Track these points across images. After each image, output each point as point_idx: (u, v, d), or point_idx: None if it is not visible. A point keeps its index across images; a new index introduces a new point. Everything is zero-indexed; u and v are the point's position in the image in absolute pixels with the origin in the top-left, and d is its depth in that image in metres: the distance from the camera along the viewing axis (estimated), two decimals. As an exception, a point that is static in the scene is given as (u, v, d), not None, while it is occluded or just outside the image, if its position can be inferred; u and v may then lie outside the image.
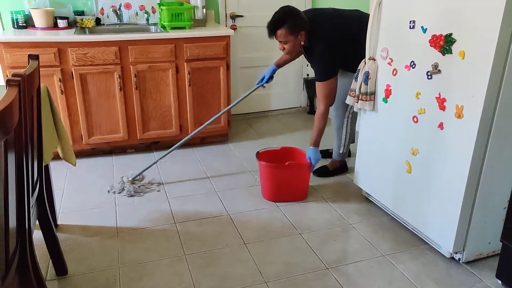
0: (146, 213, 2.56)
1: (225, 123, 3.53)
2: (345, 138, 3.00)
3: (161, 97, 3.28)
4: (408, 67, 2.14)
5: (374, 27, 2.32)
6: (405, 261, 2.14)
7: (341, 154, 3.05)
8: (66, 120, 3.11)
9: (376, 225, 2.46)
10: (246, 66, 4.12)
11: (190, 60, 3.25)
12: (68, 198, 2.73)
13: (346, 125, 2.97)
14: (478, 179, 1.92)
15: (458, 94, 1.87)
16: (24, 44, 2.89)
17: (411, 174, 2.22)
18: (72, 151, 2.25)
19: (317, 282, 2.00)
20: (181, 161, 3.29)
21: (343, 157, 3.08)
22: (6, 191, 1.21)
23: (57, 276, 2.02)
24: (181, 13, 3.27)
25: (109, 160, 3.30)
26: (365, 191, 2.69)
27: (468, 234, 2.03)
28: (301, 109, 4.52)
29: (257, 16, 3.99)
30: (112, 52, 3.05)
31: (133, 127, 3.29)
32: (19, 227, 1.42)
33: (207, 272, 2.06)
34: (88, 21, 3.39)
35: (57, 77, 3.00)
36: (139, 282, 1.99)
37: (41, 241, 1.97)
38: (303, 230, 2.40)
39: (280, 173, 2.62)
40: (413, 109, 2.14)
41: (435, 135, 2.03)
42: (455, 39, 1.85)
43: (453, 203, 1.98)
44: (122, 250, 2.22)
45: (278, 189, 2.66)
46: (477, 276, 2.03)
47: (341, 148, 3.02)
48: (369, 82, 2.37)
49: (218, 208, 2.63)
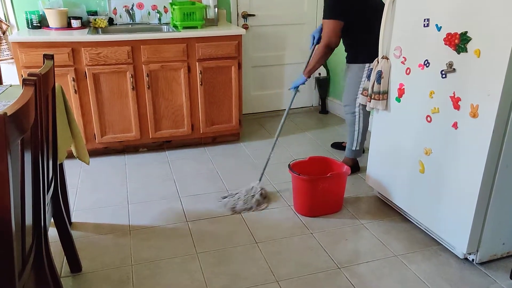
0: (158, 211, 2.58)
1: (236, 122, 3.53)
2: (358, 135, 2.96)
3: (173, 97, 3.30)
4: (422, 66, 2.12)
5: (387, 25, 2.30)
6: (417, 261, 2.13)
7: (353, 151, 3.01)
8: (80, 119, 3.15)
9: (388, 225, 2.44)
10: (258, 65, 4.12)
11: (202, 59, 3.26)
12: (82, 197, 2.75)
13: (358, 121, 2.93)
14: (493, 179, 1.90)
15: (473, 93, 1.85)
16: (38, 44, 2.93)
17: (424, 174, 2.20)
18: (86, 150, 2.27)
19: (328, 282, 1.99)
20: (193, 160, 3.31)
21: (356, 155, 3.04)
22: (22, 189, 1.23)
23: (71, 273, 2.04)
24: (193, 13, 3.28)
25: (121, 159, 3.33)
26: (377, 190, 2.67)
27: (482, 234, 2.00)
28: (313, 109, 4.51)
29: (268, 15, 3.99)
30: (125, 52, 3.07)
31: (146, 126, 3.31)
32: (35, 224, 1.44)
33: (219, 270, 2.07)
34: (101, 21, 3.42)
35: (71, 77, 3.03)
36: (151, 280, 2.01)
37: (55, 239, 1.99)
38: (314, 230, 2.40)
39: (321, 186, 2.45)
40: (427, 109, 2.12)
41: (449, 135, 2.01)
42: (470, 38, 1.83)
43: (467, 204, 1.96)
44: (134, 248, 2.24)
45: (317, 203, 2.50)
46: (491, 277, 2.00)
47: (354, 145, 2.99)
48: (382, 81, 2.35)
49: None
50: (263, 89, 4.23)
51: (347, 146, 3.06)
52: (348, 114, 2.98)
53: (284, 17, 4.05)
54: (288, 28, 4.11)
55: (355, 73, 2.85)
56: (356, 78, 2.85)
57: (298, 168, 2.58)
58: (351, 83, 2.90)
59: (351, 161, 3.04)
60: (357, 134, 2.96)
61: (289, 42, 4.16)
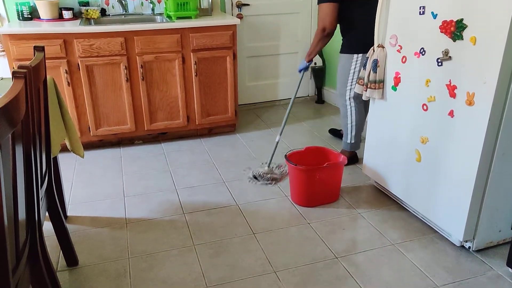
0: (155, 204, 2.57)
1: (232, 113, 3.51)
2: (351, 128, 2.91)
3: (167, 88, 3.27)
4: (418, 54, 2.10)
5: (383, 13, 2.28)
6: (414, 249, 2.13)
7: (349, 144, 2.96)
8: (73, 112, 3.12)
9: (385, 214, 2.44)
10: (253, 56, 4.09)
11: (196, 50, 3.23)
12: (77, 190, 2.74)
13: (351, 114, 2.88)
14: (489, 166, 1.90)
15: (469, 81, 1.84)
16: (29, 36, 2.89)
17: (421, 162, 2.20)
18: (80, 143, 2.25)
19: (326, 271, 1.99)
20: (189, 151, 3.29)
21: (352, 148, 2.98)
22: (14, 183, 1.21)
23: (68, 267, 2.03)
24: (187, 3, 3.24)
25: (117, 151, 3.31)
26: (374, 180, 2.67)
27: (478, 222, 2.01)
28: (309, 99, 4.49)
29: (263, 5, 3.95)
30: (118, 43, 3.04)
31: (141, 118, 3.29)
32: (28, 218, 1.42)
33: (216, 262, 2.07)
34: (93, 12, 3.38)
35: (64, 69, 3.00)
36: (149, 272, 2.00)
37: (51, 233, 1.98)
38: (311, 220, 2.39)
39: (318, 176, 2.44)
40: (423, 97, 2.11)
41: (445, 123, 2.00)
42: (466, 25, 1.81)
43: (464, 191, 1.96)
44: (131, 241, 2.23)
45: (315, 193, 2.49)
46: (487, 265, 2.01)
47: (348, 138, 2.94)
48: (378, 70, 2.34)
49: (227, 198, 2.63)
50: (258, 80, 4.21)
51: (343, 139, 3.02)
52: (340, 105, 2.96)
53: (278, 6, 4.01)
54: (283, 18, 4.07)
55: (342, 64, 2.83)
56: (342, 69, 2.83)
57: (294, 158, 2.58)
58: (339, 74, 2.88)
59: (348, 153, 2.98)
60: (350, 128, 2.91)
61: (284, 32, 4.13)
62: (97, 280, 1.96)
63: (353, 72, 2.76)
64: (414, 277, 1.95)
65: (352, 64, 2.75)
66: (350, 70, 2.77)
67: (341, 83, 2.87)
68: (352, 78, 2.78)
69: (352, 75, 2.77)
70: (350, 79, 2.79)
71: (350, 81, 2.79)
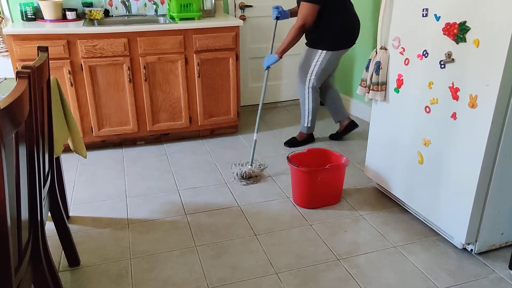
0: (157, 204, 2.57)
1: (234, 114, 3.52)
2: (308, 114, 3.26)
3: (170, 89, 3.27)
4: (421, 56, 2.10)
5: (386, 15, 2.28)
6: (416, 252, 2.13)
7: (306, 127, 3.33)
8: (76, 112, 3.13)
9: (387, 216, 2.44)
10: (256, 57, 4.09)
11: (199, 51, 3.24)
12: (79, 190, 2.75)
13: (308, 101, 3.22)
14: (492, 169, 1.89)
15: (472, 83, 1.84)
16: (33, 37, 2.90)
17: (423, 165, 2.19)
18: (83, 143, 2.25)
19: (328, 273, 1.99)
20: (191, 152, 3.29)
21: (309, 131, 3.36)
22: (17, 183, 1.22)
23: (69, 267, 2.04)
24: (190, 4, 3.25)
25: (119, 152, 3.31)
26: (376, 182, 2.66)
27: (480, 225, 2.00)
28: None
29: (266, 6, 3.95)
30: (121, 44, 3.05)
31: (143, 119, 3.30)
32: (31, 219, 1.43)
33: (217, 263, 2.07)
34: (96, 13, 3.39)
35: (67, 69, 3.01)
36: (150, 273, 2.00)
37: (53, 233, 1.99)
38: (313, 221, 2.39)
39: (320, 177, 2.44)
40: (426, 99, 2.11)
41: (447, 125, 2.00)
42: (469, 27, 1.81)
43: (466, 194, 1.95)
44: (133, 241, 2.23)
45: (316, 195, 2.49)
46: (489, 267, 2.01)
47: (306, 122, 3.30)
48: (381, 72, 2.34)
49: (229, 199, 2.63)
50: (261, 81, 4.20)
51: (301, 122, 3.38)
52: (299, 93, 3.26)
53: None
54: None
55: (307, 56, 3.12)
56: (306, 61, 3.12)
57: (296, 160, 2.58)
58: (302, 65, 3.16)
59: (306, 135, 3.38)
60: (307, 113, 3.27)
61: (286, 33, 4.12)
62: (99, 280, 1.96)
63: (314, 65, 3.09)
64: (416, 279, 1.95)
65: (315, 58, 3.07)
66: (312, 62, 3.09)
67: (303, 73, 3.17)
68: (312, 70, 3.11)
69: (313, 67, 3.10)
70: (310, 71, 3.12)
71: (310, 73, 3.12)
